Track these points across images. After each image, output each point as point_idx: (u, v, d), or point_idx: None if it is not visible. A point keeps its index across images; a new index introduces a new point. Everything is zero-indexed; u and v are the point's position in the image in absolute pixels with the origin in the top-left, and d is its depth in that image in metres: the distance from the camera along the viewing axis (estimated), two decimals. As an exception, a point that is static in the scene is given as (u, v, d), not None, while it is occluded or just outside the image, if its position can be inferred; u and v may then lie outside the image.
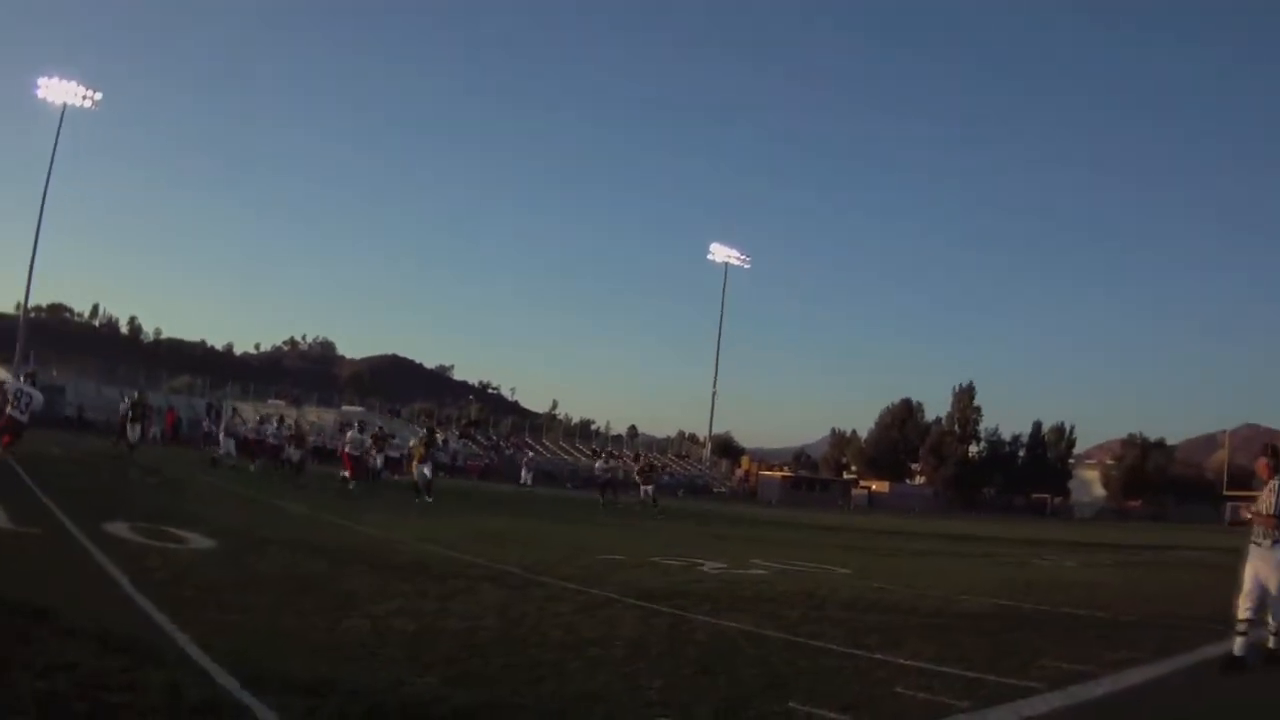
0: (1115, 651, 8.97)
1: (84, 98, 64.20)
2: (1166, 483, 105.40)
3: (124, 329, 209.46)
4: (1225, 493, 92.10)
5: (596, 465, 31.49)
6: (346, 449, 29.28)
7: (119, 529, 12.41)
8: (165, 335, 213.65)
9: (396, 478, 34.76)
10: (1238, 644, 8.28)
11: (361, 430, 31.01)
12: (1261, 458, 8.75)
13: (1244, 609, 8.34)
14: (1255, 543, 8.43)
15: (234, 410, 37.95)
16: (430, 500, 25.29)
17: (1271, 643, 8.49)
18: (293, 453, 33.71)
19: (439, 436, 31.60)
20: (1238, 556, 8.84)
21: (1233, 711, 7.33)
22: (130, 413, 30.30)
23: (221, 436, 32.88)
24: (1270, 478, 8.55)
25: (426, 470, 26.39)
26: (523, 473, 47.65)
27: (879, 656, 8.19)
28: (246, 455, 32.82)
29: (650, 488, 35.03)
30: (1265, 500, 8.43)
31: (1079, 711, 6.65)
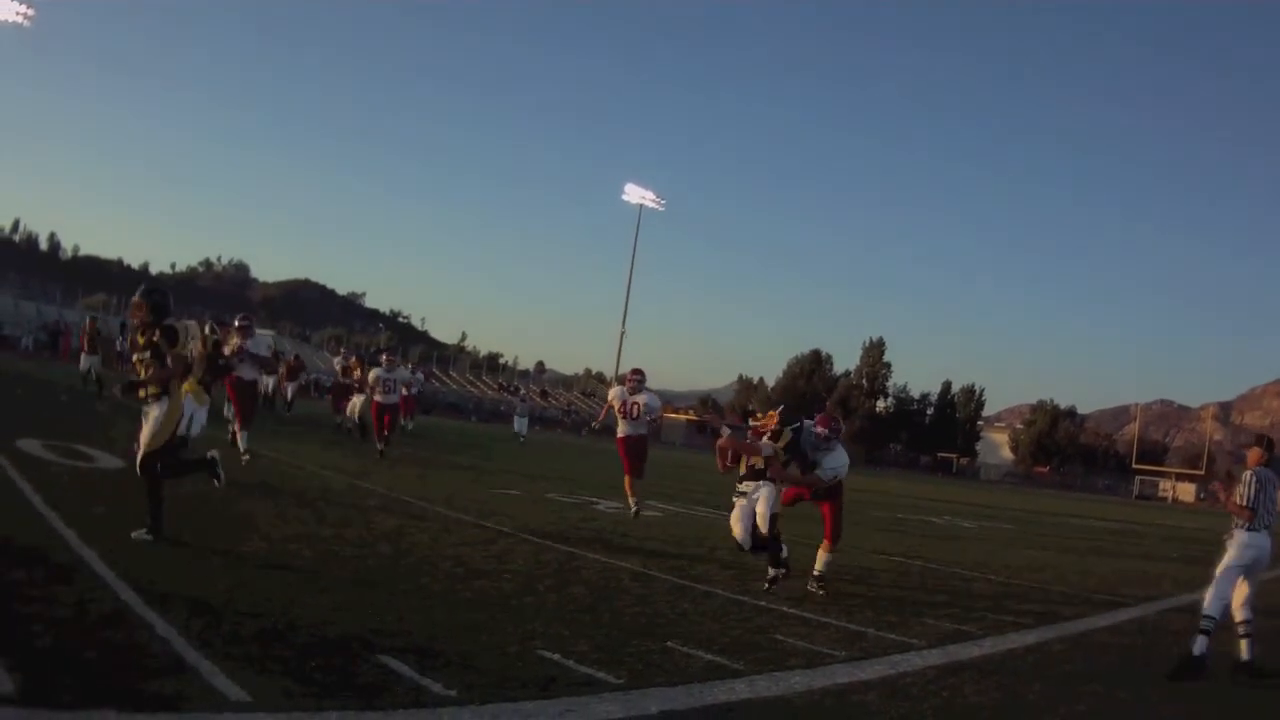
0: (999, 614, 9.61)
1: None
2: (1076, 451, 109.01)
3: (43, 245, 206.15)
4: (1135, 466, 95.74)
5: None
6: (377, 397, 21.32)
7: (32, 446, 12.82)
8: (83, 253, 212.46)
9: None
10: (1199, 643, 7.64)
11: (390, 366, 21.52)
12: (1255, 448, 8.29)
13: (1220, 608, 7.81)
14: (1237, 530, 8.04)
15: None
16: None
17: (1244, 649, 7.88)
18: (284, 387, 30.25)
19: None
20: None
21: (1108, 679, 7.51)
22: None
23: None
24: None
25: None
26: (516, 420, 40.74)
27: (763, 603, 8.78)
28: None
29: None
30: (1238, 490, 8.04)
31: (954, 670, 7.07)
